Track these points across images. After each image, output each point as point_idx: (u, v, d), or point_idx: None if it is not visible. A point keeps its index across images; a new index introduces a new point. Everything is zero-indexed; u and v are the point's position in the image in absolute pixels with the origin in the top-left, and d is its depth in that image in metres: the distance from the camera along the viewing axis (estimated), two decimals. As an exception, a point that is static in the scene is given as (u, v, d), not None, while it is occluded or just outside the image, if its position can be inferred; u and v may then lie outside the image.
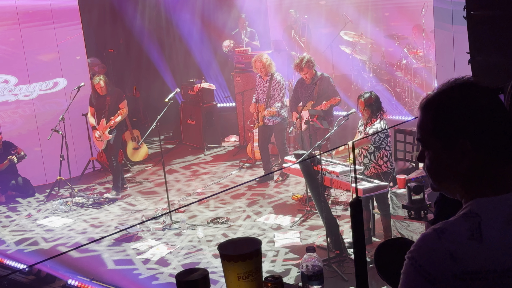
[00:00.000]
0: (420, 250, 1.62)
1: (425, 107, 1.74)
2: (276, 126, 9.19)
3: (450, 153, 1.70)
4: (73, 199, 9.16)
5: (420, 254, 1.62)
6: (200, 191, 9.29)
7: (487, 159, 1.67)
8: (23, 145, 9.75)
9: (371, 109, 6.81)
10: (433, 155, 1.73)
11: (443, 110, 1.70)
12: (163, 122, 8.84)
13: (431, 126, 1.71)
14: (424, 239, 1.64)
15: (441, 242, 1.60)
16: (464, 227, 1.61)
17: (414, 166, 7.43)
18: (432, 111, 1.72)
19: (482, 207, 1.64)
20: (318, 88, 8.67)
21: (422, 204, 5.98)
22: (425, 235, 1.64)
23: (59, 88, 10.49)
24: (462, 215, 1.64)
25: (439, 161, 1.73)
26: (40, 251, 7.57)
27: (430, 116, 1.72)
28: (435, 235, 1.62)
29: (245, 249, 2.49)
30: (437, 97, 1.73)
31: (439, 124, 1.70)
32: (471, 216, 1.62)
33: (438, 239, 1.60)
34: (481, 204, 1.64)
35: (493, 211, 1.62)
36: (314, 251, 2.66)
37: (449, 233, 1.61)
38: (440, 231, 1.62)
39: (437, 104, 1.71)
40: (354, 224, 2.97)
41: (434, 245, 1.60)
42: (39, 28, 10.23)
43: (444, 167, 1.72)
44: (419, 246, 1.63)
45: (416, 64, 10.81)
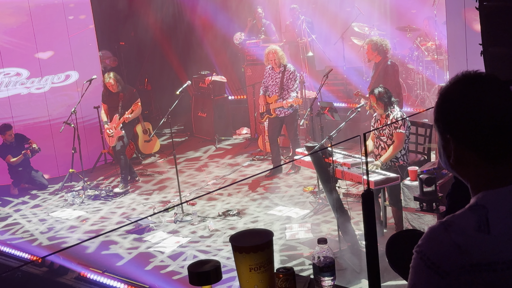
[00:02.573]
0: (428, 243, 1.63)
1: (438, 97, 1.77)
2: (288, 118, 9.18)
3: (444, 145, 1.73)
4: (85, 192, 9.21)
5: (428, 247, 1.62)
6: (212, 183, 9.30)
7: (472, 157, 1.68)
8: (35, 138, 9.81)
9: (383, 101, 6.81)
10: (440, 142, 1.77)
11: (441, 103, 1.73)
12: (175, 115, 8.84)
13: (434, 115, 1.75)
14: (431, 232, 1.64)
15: (448, 235, 1.60)
16: (471, 219, 1.61)
17: (425, 158, 7.40)
18: (436, 101, 1.75)
19: (488, 199, 1.64)
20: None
21: (434, 196, 5.98)
22: (432, 228, 1.64)
23: (71, 81, 10.52)
24: (468, 207, 1.65)
25: (440, 150, 1.76)
26: (53, 244, 7.62)
27: (435, 106, 1.75)
28: (442, 228, 1.62)
29: (257, 241, 2.50)
30: (443, 88, 1.75)
31: (436, 116, 1.74)
32: (477, 208, 1.62)
33: (446, 231, 1.61)
34: (487, 196, 1.64)
35: (500, 203, 1.62)
36: (326, 243, 2.66)
37: (456, 225, 1.61)
38: (447, 224, 1.62)
39: (439, 95, 1.74)
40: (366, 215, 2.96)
41: (441, 237, 1.60)
42: (50, 21, 10.26)
43: (444, 156, 1.76)
44: (426, 239, 1.64)
45: (427, 56, 10.76)
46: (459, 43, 7.22)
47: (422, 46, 10.83)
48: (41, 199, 9.42)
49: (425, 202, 6.02)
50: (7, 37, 9.98)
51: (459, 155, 1.70)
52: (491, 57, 4.88)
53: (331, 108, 8.24)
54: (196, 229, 7.59)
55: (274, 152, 9.52)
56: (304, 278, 2.77)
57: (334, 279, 2.65)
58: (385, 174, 6.43)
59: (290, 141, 9.56)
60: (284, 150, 10.13)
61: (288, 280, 2.59)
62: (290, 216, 7.75)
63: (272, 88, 9.21)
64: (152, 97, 13.31)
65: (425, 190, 5.99)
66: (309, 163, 6.99)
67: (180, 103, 8.70)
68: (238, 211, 7.99)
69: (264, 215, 7.87)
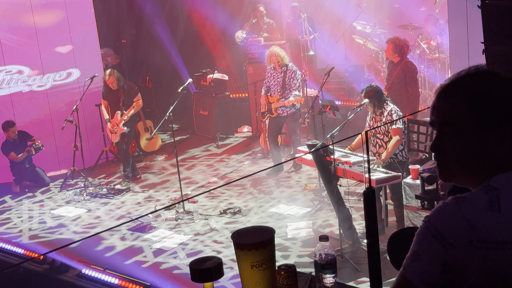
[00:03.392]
0: (438, 215, 1.64)
1: (450, 93, 1.73)
2: (289, 117, 9.18)
3: (489, 137, 1.68)
4: (87, 189, 9.21)
5: (437, 219, 1.63)
6: (213, 181, 9.31)
7: (497, 140, 1.67)
8: (37, 135, 9.81)
9: (373, 102, 6.82)
10: (466, 142, 1.70)
11: (479, 94, 1.68)
12: (176, 113, 8.85)
13: (467, 112, 1.68)
14: (442, 206, 1.65)
15: (459, 209, 1.61)
16: (483, 198, 1.62)
17: (427, 157, 7.40)
18: (464, 96, 1.69)
19: (501, 181, 1.66)
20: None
21: (435, 195, 5.98)
22: (444, 203, 1.65)
23: (72, 78, 10.53)
24: (481, 187, 1.66)
25: (474, 148, 1.69)
26: (54, 241, 7.63)
27: (463, 101, 1.69)
28: (454, 202, 1.63)
29: (259, 238, 2.50)
30: (463, 82, 1.72)
31: (477, 109, 1.67)
32: (490, 189, 1.64)
33: (457, 205, 1.62)
34: (500, 179, 1.66)
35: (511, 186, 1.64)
36: (327, 240, 2.66)
37: (468, 201, 1.62)
38: (459, 199, 1.63)
39: (469, 88, 1.70)
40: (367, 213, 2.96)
41: (452, 211, 1.62)
42: (52, 18, 10.27)
43: (478, 153, 1.70)
44: (437, 211, 1.65)
45: (429, 54, 10.75)
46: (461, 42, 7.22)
47: (423, 44, 10.82)
48: (42, 197, 9.42)
49: (427, 200, 6.02)
50: (9, 34, 9.98)
51: (471, 135, 1.69)
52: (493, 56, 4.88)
53: (332, 106, 8.24)
54: (197, 227, 7.59)
55: (274, 150, 9.52)
56: (305, 276, 2.77)
57: (335, 276, 2.65)
58: (387, 172, 6.44)
59: (291, 140, 9.56)
60: (285, 149, 10.14)
61: (290, 277, 2.59)
62: (292, 213, 7.75)
63: (274, 88, 9.22)
64: (153, 95, 13.31)
65: (426, 189, 5.99)
66: (311, 161, 6.99)
67: (181, 101, 8.70)
68: (239, 209, 7.99)
69: (266, 213, 7.87)
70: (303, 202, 8.10)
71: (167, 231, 7.55)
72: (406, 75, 8.18)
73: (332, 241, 6.47)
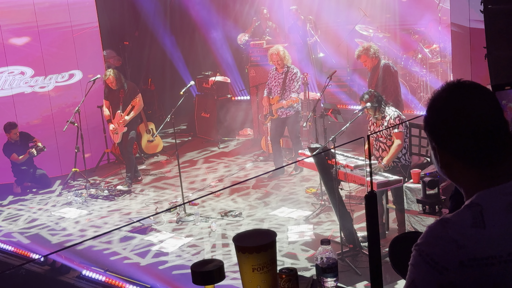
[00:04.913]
0: (427, 240, 1.66)
1: (427, 110, 1.81)
2: (290, 119, 9.18)
3: (434, 152, 1.77)
4: (88, 191, 9.22)
5: (427, 244, 1.65)
6: (214, 184, 9.31)
7: (458, 164, 1.72)
8: (38, 136, 9.83)
9: (373, 106, 6.84)
10: (441, 162, 1.78)
11: (426, 112, 1.78)
12: (178, 115, 8.85)
13: (423, 124, 1.79)
14: (429, 230, 1.68)
15: (446, 231, 1.63)
16: (467, 216, 1.65)
17: (428, 161, 7.40)
18: (428, 118, 1.78)
19: (482, 197, 1.68)
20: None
21: (437, 199, 5.98)
22: (431, 226, 1.69)
23: (74, 80, 10.54)
24: (465, 206, 1.69)
25: (432, 156, 1.81)
26: (55, 243, 7.63)
27: (428, 123, 1.78)
28: (440, 225, 1.66)
29: (260, 241, 2.50)
30: (430, 97, 1.80)
31: (424, 124, 1.78)
32: (472, 206, 1.66)
33: (443, 228, 1.65)
34: (480, 195, 1.68)
35: (494, 200, 1.66)
36: (329, 244, 2.67)
37: (453, 222, 1.65)
38: (444, 221, 1.67)
39: (427, 104, 1.79)
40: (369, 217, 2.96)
41: (439, 234, 1.64)
42: (55, 20, 10.27)
43: (435, 162, 1.79)
44: (425, 237, 1.67)
45: (432, 58, 10.75)
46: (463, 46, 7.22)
47: (426, 48, 10.82)
48: (43, 198, 9.43)
49: (428, 204, 6.01)
50: (11, 35, 9.99)
51: (446, 162, 1.75)
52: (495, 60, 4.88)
53: (334, 109, 8.23)
54: (198, 229, 7.59)
55: (276, 153, 9.51)
56: (306, 279, 2.77)
57: (337, 280, 2.66)
58: (388, 176, 6.44)
59: (291, 143, 9.55)
60: (287, 152, 10.13)
61: (291, 280, 2.60)
62: (293, 217, 7.75)
63: (274, 89, 9.22)
64: (155, 97, 13.32)
65: (428, 193, 5.98)
66: (312, 164, 6.98)
67: (183, 103, 8.71)
68: (240, 212, 7.99)
69: (267, 216, 7.87)
70: (304, 206, 8.10)
71: (168, 233, 7.54)
72: (385, 75, 8.20)
73: (333, 244, 6.47)
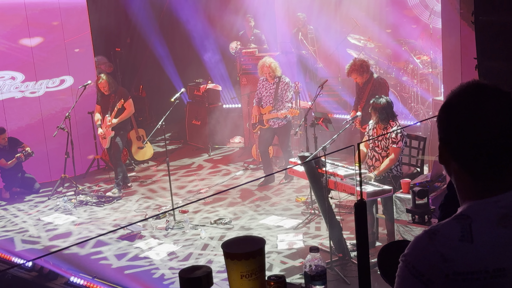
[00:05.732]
0: (413, 252, 1.65)
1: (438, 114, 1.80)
2: (281, 129, 9.19)
3: (439, 146, 1.75)
4: (77, 197, 9.18)
5: (413, 256, 1.64)
6: (204, 191, 9.29)
7: (457, 167, 1.71)
8: (28, 142, 9.78)
9: (381, 115, 6.83)
10: (446, 167, 1.78)
11: (441, 109, 1.75)
12: (169, 122, 8.84)
13: (442, 138, 1.75)
14: (416, 241, 1.67)
15: (433, 244, 1.62)
16: (455, 228, 1.63)
17: (418, 171, 7.42)
18: (439, 121, 1.76)
19: (473, 209, 1.66)
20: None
21: (426, 209, 5.99)
22: (418, 238, 1.67)
23: (65, 85, 10.51)
24: (454, 217, 1.67)
25: (451, 172, 1.77)
26: (43, 248, 7.59)
27: (439, 126, 1.76)
28: (427, 237, 1.65)
29: (249, 248, 2.49)
30: (448, 95, 1.76)
31: (437, 119, 1.75)
32: (462, 218, 1.65)
33: (430, 240, 1.63)
34: (472, 206, 1.67)
35: (484, 213, 1.64)
36: (318, 251, 2.66)
37: (441, 234, 1.64)
38: (431, 233, 1.65)
39: (442, 114, 1.75)
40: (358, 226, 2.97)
41: (426, 246, 1.63)
42: (47, 25, 10.26)
43: (439, 156, 1.78)
44: (412, 248, 1.66)
45: (423, 69, 10.80)
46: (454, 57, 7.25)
47: (417, 59, 10.86)
48: (32, 204, 9.38)
49: (417, 214, 6.03)
50: (2, 40, 9.97)
51: (445, 159, 1.73)
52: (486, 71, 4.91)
53: (325, 118, 8.24)
54: (187, 237, 7.57)
55: (265, 162, 9.51)
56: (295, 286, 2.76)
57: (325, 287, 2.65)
58: (378, 186, 6.45)
59: (282, 152, 9.56)
60: (277, 160, 10.14)
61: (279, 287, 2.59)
62: (282, 225, 7.74)
63: (266, 99, 9.22)
64: (146, 104, 13.30)
65: (417, 203, 6.00)
66: (302, 173, 6.99)
67: (174, 110, 8.70)
68: (230, 220, 7.97)
69: (256, 224, 7.86)
70: (294, 214, 8.09)
71: (157, 240, 7.52)
72: (377, 91, 8.15)
73: (322, 253, 6.47)
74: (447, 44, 7.64)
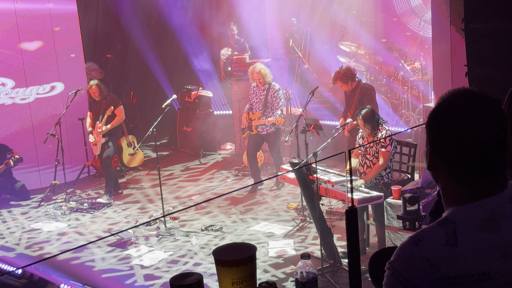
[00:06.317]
0: (399, 259, 1.66)
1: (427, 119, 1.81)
2: (270, 135, 9.18)
3: (426, 151, 1.77)
4: (68, 204, 9.14)
5: (399, 263, 1.65)
6: (195, 198, 9.28)
7: (444, 172, 1.73)
8: (18, 148, 9.74)
9: (371, 124, 6.86)
10: (433, 171, 1.79)
11: (430, 113, 1.77)
12: (160, 129, 8.83)
13: (429, 141, 1.77)
14: (402, 248, 1.68)
15: (418, 250, 1.63)
16: (440, 233, 1.64)
17: (409, 177, 7.43)
18: (428, 126, 1.78)
19: (457, 214, 1.68)
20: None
21: (417, 215, 5.99)
22: (403, 244, 1.68)
23: (56, 92, 10.47)
24: (438, 222, 1.69)
25: (437, 177, 1.78)
26: (33, 255, 7.55)
27: (428, 131, 1.77)
28: (412, 243, 1.66)
29: (240, 255, 2.49)
30: (439, 99, 1.78)
31: (426, 122, 1.77)
32: (446, 223, 1.66)
33: (416, 246, 1.64)
34: (456, 211, 1.68)
35: (468, 217, 1.66)
36: (309, 258, 2.66)
37: (426, 240, 1.65)
38: (417, 239, 1.66)
39: (431, 120, 1.77)
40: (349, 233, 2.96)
41: (411, 252, 1.64)
42: (37, 32, 10.23)
43: (425, 160, 1.79)
44: (397, 255, 1.67)
45: (413, 76, 10.84)
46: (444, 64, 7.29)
47: (408, 66, 10.90)
48: (22, 211, 9.32)
49: (408, 221, 6.03)
50: (-7, 46, 9.94)
51: (433, 165, 1.74)
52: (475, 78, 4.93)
53: (316, 125, 8.26)
54: (178, 243, 7.55)
55: (253, 168, 9.48)
56: (286, 294, 2.76)
57: (316, 295, 2.65)
58: (369, 192, 6.46)
59: (272, 158, 9.55)
60: (268, 166, 10.14)
61: (271, 295, 2.58)
62: (273, 232, 7.73)
63: (256, 105, 9.22)
64: (137, 110, 13.27)
65: (408, 209, 6.00)
66: (293, 179, 6.99)
67: (165, 117, 8.69)
68: (221, 226, 7.96)
69: (247, 231, 7.85)
70: (285, 221, 8.09)
71: (148, 247, 7.49)
72: (364, 97, 8.22)
73: (313, 260, 6.47)
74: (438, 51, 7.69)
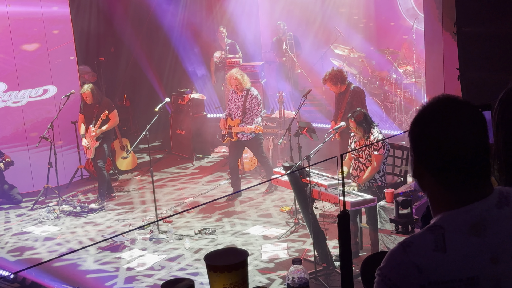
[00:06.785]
0: (388, 265, 1.67)
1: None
2: (251, 141, 9.13)
3: (411, 160, 1.78)
4: (60, 207, 9.11)
5: (389, 269, 1.66)
6: (188, 201, 9.26)
7: (430, 179, 1.74)
8: (11, 151, 9.70)
9: (363, 127, 6.87)
10: (418, 179, 1.81)
11: (412, 121, 1.78)
12: (153, 132, 8.82)
13: (412, 149, 1.79)
14: (391, 254, 1.69)
15: (407, 255, 1.64)
16: (429, 239, 1.66)
17: (402, 181, 7.44)
18: (411, 133, 1.79)
19: (445, 219, 1.69)
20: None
21: (410, 219, 6.00)
22: (392, 250, 1.69)
23: (48, 95, 10.44)
24: (427, 228, 1.70)
25: (423, 184, 1.79)
26: (26, 259, 7.52)
27: (411, 138, 1.79)
28: (402, 249, 1.67)
29: (232, 260, 2.49)
30: (420, 107, 1.79)
31: (408, 132, 1.78)
32: (435, 229, 1.67)
33: (405, 252, 1.65)
34: (445, 217, 1.69)
35: (456, 223, 1.67)
36: (300, 263, 2.66)
37: (415, 246, 1.66)
38: (406, 245, 1.67)
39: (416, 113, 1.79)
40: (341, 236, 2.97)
41: (401, 258, 1.65)
42: (30, 35, 10.20)
43: (411, 170, 1.80)
44: (387, 261, 1.68)
45: (406, 79, 10.86)
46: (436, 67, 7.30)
47: (400, 69, 10.92)
48: (15, 214, 9.29)
49: (401, 224, 6.04)
50: (-15, 50, 9.90)
51: (419, 173, 1.76)
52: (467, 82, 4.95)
53: (309, 128, 8.26)
54: (171, 247, 7.54)
55: (234, 175, 9.43)
56: (278, 299, 2.76)
57: (308, 299, 2.65)
58: (362, 196, 6.46)
59: (260, 163, 9.53)
60: (261, 170, 10.14)
61: (262, 300, 2.58)
62: (266, 236, 7.73)
63: (235, 112, 9.17)
64: (130, 114, 13.24)
65: (401, 212, 6.01)
66: (286, 182, 6.99)
67: (158, 120, 8.68)
68: (214, 230, 7.95)
69: (240, 235, 7.84)
70: (278, 224, 8.09)
71: (141, 251, 7.48)
72: (353, 100, 8.25)
73: (306, 263, 6.47)
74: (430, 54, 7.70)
